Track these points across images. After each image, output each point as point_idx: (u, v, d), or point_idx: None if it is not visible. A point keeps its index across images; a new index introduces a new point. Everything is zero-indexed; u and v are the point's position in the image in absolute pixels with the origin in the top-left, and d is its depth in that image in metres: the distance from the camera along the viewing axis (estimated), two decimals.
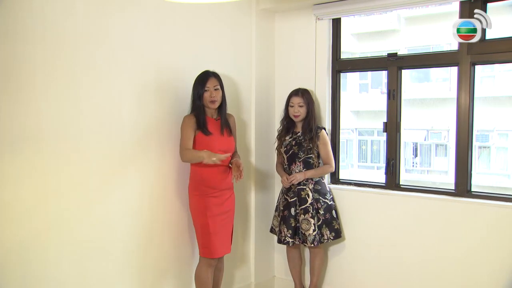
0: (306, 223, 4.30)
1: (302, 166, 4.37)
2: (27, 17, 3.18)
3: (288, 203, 4.39)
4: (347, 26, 4.74)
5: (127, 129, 3.77)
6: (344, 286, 4.62)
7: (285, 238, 4.37)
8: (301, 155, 4.37)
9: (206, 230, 3.90)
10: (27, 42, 3.20)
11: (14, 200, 3.21)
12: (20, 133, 3.20)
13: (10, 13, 3.11)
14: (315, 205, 4.33)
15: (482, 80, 8.73)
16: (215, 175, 3.92)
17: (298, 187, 4.36)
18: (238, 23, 4.63)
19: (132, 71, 3.79)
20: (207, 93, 3.88)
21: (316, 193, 4.36)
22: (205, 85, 3.88)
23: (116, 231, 3.76)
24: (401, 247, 4.30)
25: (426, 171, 11.77)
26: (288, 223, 4.36)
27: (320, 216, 4.33)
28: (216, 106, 3.94)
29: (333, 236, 4.38)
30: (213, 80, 3.91)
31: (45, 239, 3.38)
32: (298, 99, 4.36)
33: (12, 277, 3.24)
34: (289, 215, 4.36)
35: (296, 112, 4.36)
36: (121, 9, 3.69)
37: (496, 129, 10.42)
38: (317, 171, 4.40)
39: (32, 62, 3.23)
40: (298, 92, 4.40)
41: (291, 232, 4.34)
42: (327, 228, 4.36)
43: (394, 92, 4.41)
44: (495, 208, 3.86)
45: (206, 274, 3.96)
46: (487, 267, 3.89)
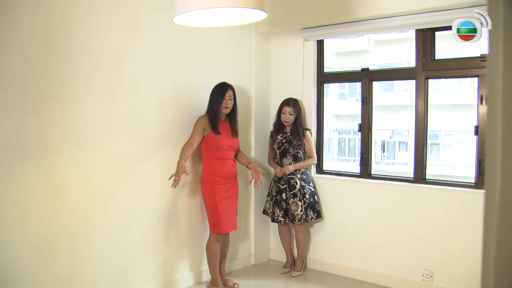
0: (295, 205, 4.30)
1: (292, 159, 4.37)
2: (74, 40, 3.27)
3: (280, 190, 4.38)
4: (329, 46, 4.70)
5: (150, 130, 3.80)
6: (325, 256, 4.58)
7: (277, 218, 4.38)
8: (291, 150, 4.36)
9: (215, 211, 3.88)
10: (73, 59, 3.28)
11: (61, 186, 3.27)
12: (67, 132, 3.27)
13: (63, 37, 3.21)
14: (302, 190, 4.33)
15: (433, 92, 8.81)
16: (223, 167, 3.92)
17: (288, 176, 4.36)
18: (241, 43, 4.60)
19: (154, 84, 3.82)
20: (224, 101, 3.89)
21: (303, 181, 4.36)
22: (224, 95, 3.89)
23: (141, 212, 3.77)
24: (372, 223, 4.27)
25: (392, 163, 11.80)
26: (280, 205, 4.35)
27: (306, 200, 4.33)
28: (228, 112, 3.95)
29: (315, 216, 4.39)
30: (230, 91, 3.92)
31: (87, 223, 3.42)
32: (289, 109, 4.35)
33: (62, 256, 3.30)
34: (281, 199, 4.36)
35: (286, 119, 4.36)
36: (146, 33, 3.72)
37: (443, 130, 10.53)
38: (303, 163, 4.39)
39: (77, 75, 3.31)
40: (290, 102, 4.37)
41: (283, 213, 4.35)
42: (311, 209, 4.36)
43: (366, 99, 4.38)
44: (444, 192, 3.89)
45: (215, 246, 3.94)
46: (441, 241, 3.86)
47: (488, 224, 1.06)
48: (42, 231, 3.16)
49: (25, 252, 3.08)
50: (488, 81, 1.03)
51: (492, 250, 1.04)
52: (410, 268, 4.03)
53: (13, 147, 3.00)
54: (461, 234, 3.75)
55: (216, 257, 3.97)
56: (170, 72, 3.92)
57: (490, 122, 1.07)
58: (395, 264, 4.13)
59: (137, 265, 3.76)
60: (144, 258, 3.82)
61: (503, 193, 1.04)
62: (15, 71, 2.98)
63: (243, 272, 4.57)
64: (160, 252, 3.92)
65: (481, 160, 3.71)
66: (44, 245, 3.17)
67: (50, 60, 3.14)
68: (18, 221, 3.05)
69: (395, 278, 4.11)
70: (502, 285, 1.04)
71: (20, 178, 3.04)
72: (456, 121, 10.22)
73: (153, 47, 3.79)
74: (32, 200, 3.11)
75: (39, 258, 3.15)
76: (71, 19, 3.24)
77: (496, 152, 1.03)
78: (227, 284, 4.14)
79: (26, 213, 3.08)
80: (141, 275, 3.79)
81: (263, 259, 4.89)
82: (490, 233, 1.06)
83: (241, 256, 4.69)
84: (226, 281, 4.15)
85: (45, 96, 3.13)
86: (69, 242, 3.31)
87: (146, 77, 3.74)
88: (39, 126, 3.12)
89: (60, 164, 3.25)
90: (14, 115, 2.99)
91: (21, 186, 3.05)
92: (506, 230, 1.03)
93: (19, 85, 3.01)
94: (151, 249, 3.86)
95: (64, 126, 3.24)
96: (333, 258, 4.53)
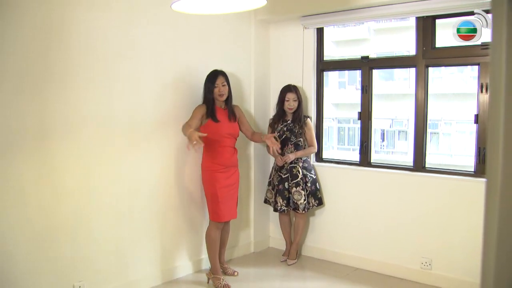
0: (298, 194, 4.28)
1: (293, 147, 4.34)
2: (74, 29, 3.27)
3: (282, 179, 4.35)
4: (328, 35, 4.67)
5: (150, 117, 3.79)
6: (324, 244, 4.59)
7: (280, 207, 4.36)
8: (292, 139, 4.33)
9: (215, 199, 3.87)
10: (73, 46, 3.27)
11: (61, 174, 3.27)
12: (66, 119, 3.27)
13: (62, 27, 3.21)
14: (304, 179, 4.32)
15: (433, 80, 8.80)
16: (223, 155, 3.89)
17: (290, 165, 4.32)
18: (240, 31, 4.56)
19: (153, 71, 3.80)
20: (217, 88, 3.86)
21: (304, 170, 4.34)
22: (215, 82, 3.86)
23: (141, 199, 3.78)
24: (371, 211, 4.27)
25: (391, 152, 11.79)
26: (282, 195, 4.34)
27: (308, 188, 4.32)
28: (224, 98, 3.91)
29: (317, 203, 4.39)
30: (221, 78, 3.88)
31: (86, 210, 3.43)
32: (293, 95, 4.30)
33: (62, 243, 3.31)
34: (283, 189, 4.34)
35: (291, 105, 4.31)
36: (145, 21, 3.70)
37: (443, 119, 10.51)
38: (304, 152, 4.37)
39: (76, 63, 3.30)
40: (292, 88, 4.33)
41: (286, 202, 4.33)
42: (313, 197, 4.36)
43: (366, 88, 4.35)
44: (443, 180, 3.89)
45: (214, 234, 3.94)
46: (440, 229, 3.87)
47: (489, 212, 1.05)
48: (42, 218, 3.17)
49: (26, 239, 3.09)
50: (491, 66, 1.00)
51: (493, 240, 1.03)
52: (409, 256, 4.04)
53: (13, 135, 3.00)
54: (460, 222, 3.75)
55: (216, 245, 3.96)
56: (169, 59, 3.91)
57: (492, 110, 1.05)
58: (394, 252, 4.13)
59: (137, 252, 3.77)
60: (144, 246, 3.82)
61: (504, 181, 1.02)
62: (14, 61, 2.97)
63: (243, 260, 4.58)
64: (159, 240, 3.93)
65: (481, 149, 3.70)
66: (44, 232, 3.18)
67: (49, 49, 3.13)
68: (18, 208, 3.05)
69: (394, 266, 4.12)
70: (503, 275, 1.03)
71: (19, 166, 3.04)
72: (456, 110, 10.19)
73: (152, 35, 3.77)
74: (32, 188, 3.11)
75: (39, 245, 3.16)
76: (71, 10, 3.23)
77: (498, 141, 1.01)
78: (227, 272, 4.15)
79: (26, 201, 3.08)
80: (140, 262, 3.80)
81: (263, 247, 4.90)
82: (491, 222, 1.04)
83: (241, 244, 4.70)
84: (225, 269, 4.16)
85: (44, 83, 3.13)
86: (69, 230, 3.32)
87: (145, 65, 3.73)
88: (38, 115, 3.12)
89: (60, 152, 3.25)
90: (13, 103, 2.99)
91: (21, 174, 3.05)
92: (508, 218, 1.02)
93: (18, 74, 3.00)
94: (151, 236, 3.87)
95: (63, 114, 3.24)
96: (332, 246, 4.54)
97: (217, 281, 3.91)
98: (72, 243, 3.34)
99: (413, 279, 4.00)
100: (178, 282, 4.01)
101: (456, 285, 3.77)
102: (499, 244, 1.02)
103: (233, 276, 4.13)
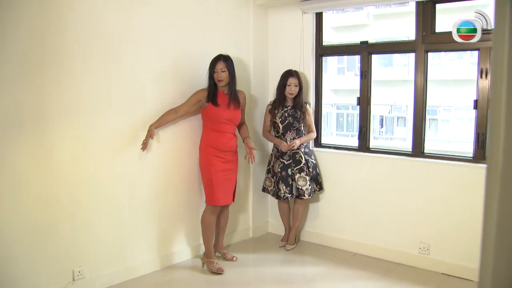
0: (303, 180, 4.27)
1: (295, 133, 4.31)
2: (71, 15, 3.23)
3: (285, 165, 4.31)
4: (327, 21, 4.62)
5: (148, 103, 3.77)
6: (323, 229, 4.60)
7: (284, 194, 4.30)
8: (295, 124, 4.29)
9: (211, 183, 3.87)
10: (70, 32, 3.23)
11: (59, 161, 3.26)
12: (64, 106, 3.25)
13: (59, 11, 3.16)
14: (307, 164, 4.31)
15: (433, 66, 8.80)
16: (220, 139, 3.88)
17: (293, 151, 4.30)
18: (239, 15, 4.52)
19: (152, 57, 3.77)
20: (216, 74, 3.84)
21: (306, 155, 4.33)
22: (215, 67, 3.85)
23: (139, 186, 3.78)
24: (370, 197, 4.27)
25: (390, 138, 11.80)
26: (286, 181, 4.29)
27: (310, 173, 4.31)
28: (222, 84, 3.88)
29: (318, 188, 4.41)
30: (221, 63, 3.85)
31: (85, 197, 3.42)
32: (295, 80, 4.25)
33: (60, 230, 3.31)
34: (287, 175, 4.29)
35: (292, 90, 4.26)
36: (142, 7, 3.67)
37: (442, 105, 10.51)
38: (307, 138, 4.37)
39: (73, 49, 3.27)
40: (293, 73, 4.28)
41: (289, 189, 4.30)
42: (314, 182, 4.37)
43: (365, 73, 4.33)
44: (442, 165, 3.89)
45: (209, 218, 3.94)
46: (438, 214, 3.87)
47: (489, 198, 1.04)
48: (41, 205, 3.17)
49: (24, 226, 3.09)
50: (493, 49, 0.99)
51: (493, 226, 1.02)
52: (407, 241, 4.05)
53: (10, 122, 2.98)
54: (458, 207, 3.76)
55: (210, 229, 3.97)
56: (168, 45, 3.87)
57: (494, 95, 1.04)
58: (393, 237, 4.14)
59: (135, 238, 3.78)
60: (142, 231, 3.83)
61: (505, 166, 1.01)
62: (10, 47, 2.94)
63: (242, 245, 4.59)
64: (157, 226, 3.93)
65: (480, 134, 3.69)
66: (43, 218, 3.18)
67: (46, 34, 3.09)
68: (17, 196, 3.05)
69: (393, 251, 4.13)
70: (503, 260, 1.02)
71: (17, 153, 3.03)
72: (455, 96, 10.17)
73: (151, 21, 3.73)
74: (30, 176, 3.10)
75: (38, 233, 3.16)
76: None
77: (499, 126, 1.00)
78: (226, 258, 4.16)
79: (24, 188, 3.08)
80: (139, 248, 3.81)
81: (262, 232, 4.91)
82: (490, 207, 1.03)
83: (239, 230, 4.71)
84: (224, 254, 4.18)
85: (41, 70, 3.09)
86: (68, 217, 3.32)
87: (144, 51, 3.70)
88: (36, 101, 3.09)
89: (57, 139, 3.23)
90: (10, 90, 2.96)
91: (19, 161, 3.04)
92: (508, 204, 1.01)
93: (14, 60, 2.97)
94: (150, 222, 3.87)
95: (60, 101, 3.21)
96: (331, 231, 4.55)
97: (211, 265, 3.91)
98: (71, 229, 3.34)
99: (411, 264, 4.02)
100: (176, 267, 4.02)
101: (454, 270, 3.79)
102: (498, 230, 1.02)
103: (232, 261, 4.14)
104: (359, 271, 3.96)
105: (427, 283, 3.69)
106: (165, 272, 3.92)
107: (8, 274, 3.03)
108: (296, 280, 3.84)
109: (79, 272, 3.38)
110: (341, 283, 3.76)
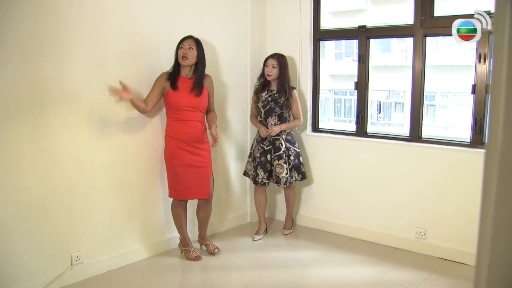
0: (280, 168, 4.18)
1: (277, 119, 4.20)
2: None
3: (264, 151, 4.22)
4: (325, 5, 4.57)
5: (146, 85, 3.66)
6: (319, 214, 4.61)
7: (262, 180, 4.24)
8: (277, 110, 4.18)
9: (175, 176, 3.67)
10: (64, 18, 3.17)
11: (56, 144, 3.24)
12: (61, 91, 3.19)
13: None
14: (287, 152, 4.20)
15: (430, 52, 8.76)
16: (184, 129, 3.61)
17: (273, 137, 4.19)
18: (236, 1, 4.47)
19: (149, 42, 3.70)
20: (181, 50, 3.56)
21: (288, 143, 4.22)
22: (181, 43, 3.58)
23: (136, 170, 3.75)
24: (367, 181, 4.28)
25: (387, 124, 11.78)
26: (264, 167, 4.22)
27: (291, 161, 4.21)
28: (187, 63, 3.57)
29: (300, 177, 4.29)
30: (190, 40, 3.59)
31: (82, 180, 3.41)
32: (273, 61, 4.14)
33: (58, 213, 3.30)
34: (265, 161, 4.21)
35: (268, 71, 4.15)
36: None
37: (439, 91, 10.50)
38: (289, 125, 4.24)
39: (69, 34, 3.20)
40: (275, 55, 4.18)
41: (267, 174, 4.23)
42: (296, 171, 4.25)
43: (363, 57, 4.30)
44: (439, 150, 3.88)
45: (176, 211, 3.80)
46: (435, 199, 3.88)
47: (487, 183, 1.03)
48: (39, 189, 3.16)
49: (22, 209, 3.08)
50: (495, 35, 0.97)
51: (491, 211, 1.01)
52: (404, 226, 4.06)
53: (6, 105, 2.95)
54: (455, 192, 3.77)
55: (179, 220, 3.83)
56: (164, 32, 3.80)
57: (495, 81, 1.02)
58: (390, 222, 4.15)
59: (132, 223, 3.77)
60: (139, 216, 3.82)
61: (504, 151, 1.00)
62: (4, 31, 2.90)
63: (239, 230, 4.61)
64: (152, 210, 3.92)
65: (477, 119, 3.68)
66: (41, 203, 3.17)
67: (40, 17, 3.05)
68: (14, 180, 3.04)
69: (389, 235, 4.15)
70: (501, 245, 1.02)
71: (14, 136, 3.01)
72: (453, 82, 10.15)
73: (148, 7, 3.68)
74: (28, 159, 3.09)
75: (36, 216, 3.16)
76: None
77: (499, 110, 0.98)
78: (209, 249, 3.99)
79: (21, 171, 3.07)
80: (135, 232, 3.81)
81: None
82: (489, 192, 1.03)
83: (237, 215, 4.71)
84: (207, 246, 4.00)
85: (36, 52, 3.06)
86: (65, 199, 3.31)
87: (140, 36, 3.64)
88: (32, 84, 3.06)
89: (54, 122, 3.21)
90: (5, 73, 2.93)
91: (16, 143, 3.02)
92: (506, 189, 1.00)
93: (9, 43, 2.93)
94: (145, 207, 3.86)
95: (57, 83, 3.18)
96: (328, 216, 4.56)
97: (188, 254, 3.86)
98: (69, 214, 3.34)
99: (408, 248, 4.04)
100: (167, 254, 4.00)
101: (451, 255, 3.81)
102: (496, 215, 1.01)
103: (213, 253, 3.94)
104: (356, 255, 3.98)
105: (423, 267, 3.70)
106: (162, 257, 3.93)
107: (6, 260, 3.03)
108: (292, 264, 3.85)
109: (77, 257, 3.39)
110: (338, 267, 3.77)
